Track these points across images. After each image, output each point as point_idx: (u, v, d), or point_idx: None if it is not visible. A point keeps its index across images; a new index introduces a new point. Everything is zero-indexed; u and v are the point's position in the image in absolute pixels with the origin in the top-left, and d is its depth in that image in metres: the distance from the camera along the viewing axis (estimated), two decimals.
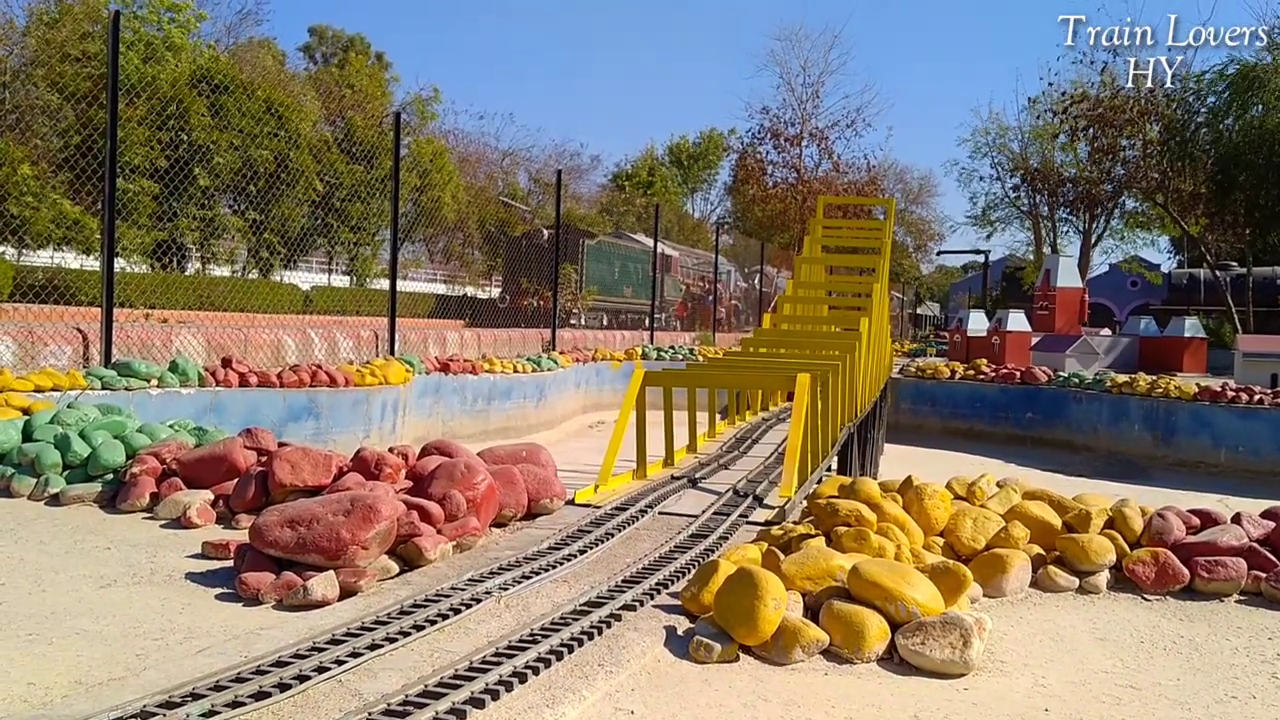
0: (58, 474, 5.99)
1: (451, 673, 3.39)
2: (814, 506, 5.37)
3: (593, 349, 22.94)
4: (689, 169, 65.21)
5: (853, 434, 11.02)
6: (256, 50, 38.18)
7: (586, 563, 5.04)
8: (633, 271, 35.14)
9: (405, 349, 17.49)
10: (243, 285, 26.80)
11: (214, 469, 5.89)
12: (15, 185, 25.45)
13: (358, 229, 33.83)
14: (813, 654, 4.01)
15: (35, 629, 3.85)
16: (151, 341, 13.56)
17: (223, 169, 27.09)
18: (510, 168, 47.56)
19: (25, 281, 20.90)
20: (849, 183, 43.83)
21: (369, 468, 5.66)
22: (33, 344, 12.40)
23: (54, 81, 27.70)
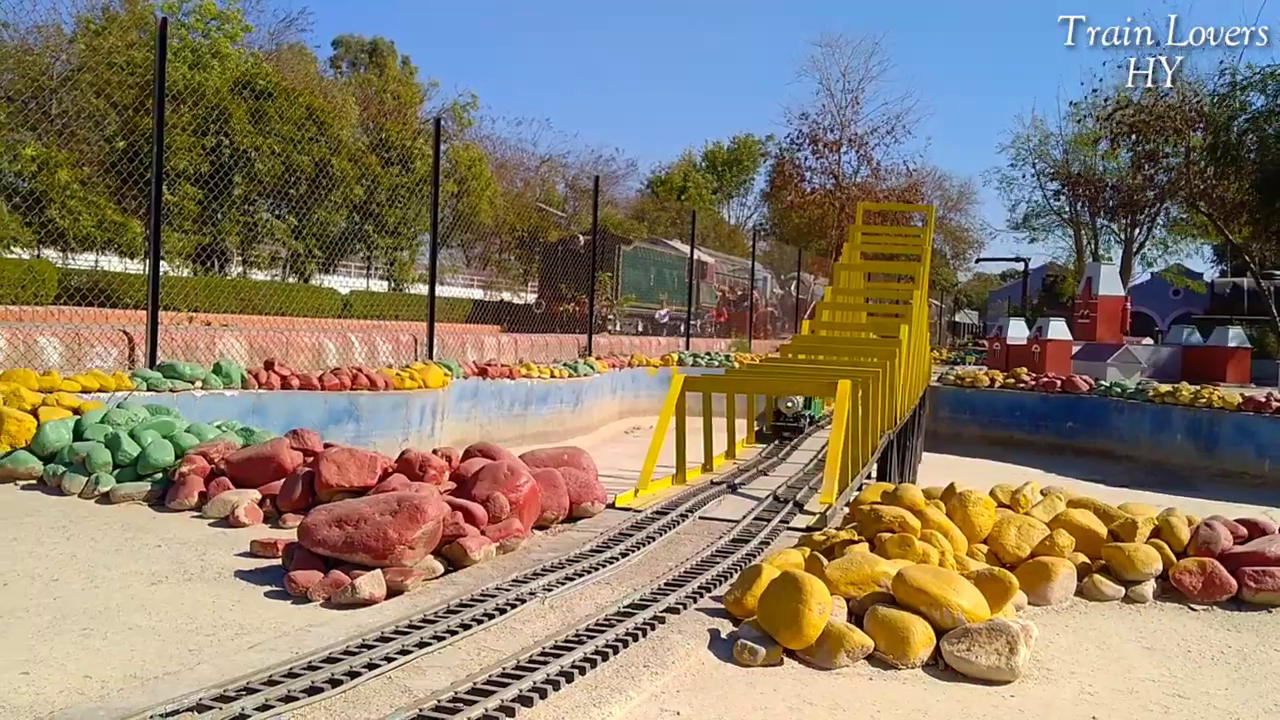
0: (108, 473, 6.09)
1: (499, 671, 3.42)
2: (857, 512, 5.36)
3: (629, 355, 22.97)
4: (724, 175, 65.12)
5: (892, 441, 10.97)
6: (296, 57, 38.61)
7: (629, 565, 5.06)
8: (668, 278, 35.15)
9: (443, 353, 17.60)
10: (283, 289, 27.08)
11: (261, 469, 5.97)
12: (59, 190, 25.90)
13: (395, 234, 34.11)
14: (857, 659, 4.00)
15: (89, 624, 3.92)
16: (195, 344, 13.74)
17: (264, 174, 27.44)
18: (547, 174, 47.75)
19: (70, 284, 21.27)
20: (888, 189, 43.59)
21: (413, 469, 5.71)
22: (80, 346, 12.61)
23: (100, 88, 28.18)
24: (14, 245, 24.74)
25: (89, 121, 28.98)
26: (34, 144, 27.68)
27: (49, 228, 25.47)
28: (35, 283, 20.17)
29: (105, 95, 28.22)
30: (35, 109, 30.74)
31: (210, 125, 25.90)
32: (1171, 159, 37.00)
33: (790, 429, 11.20)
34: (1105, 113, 37.56)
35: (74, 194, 26.16)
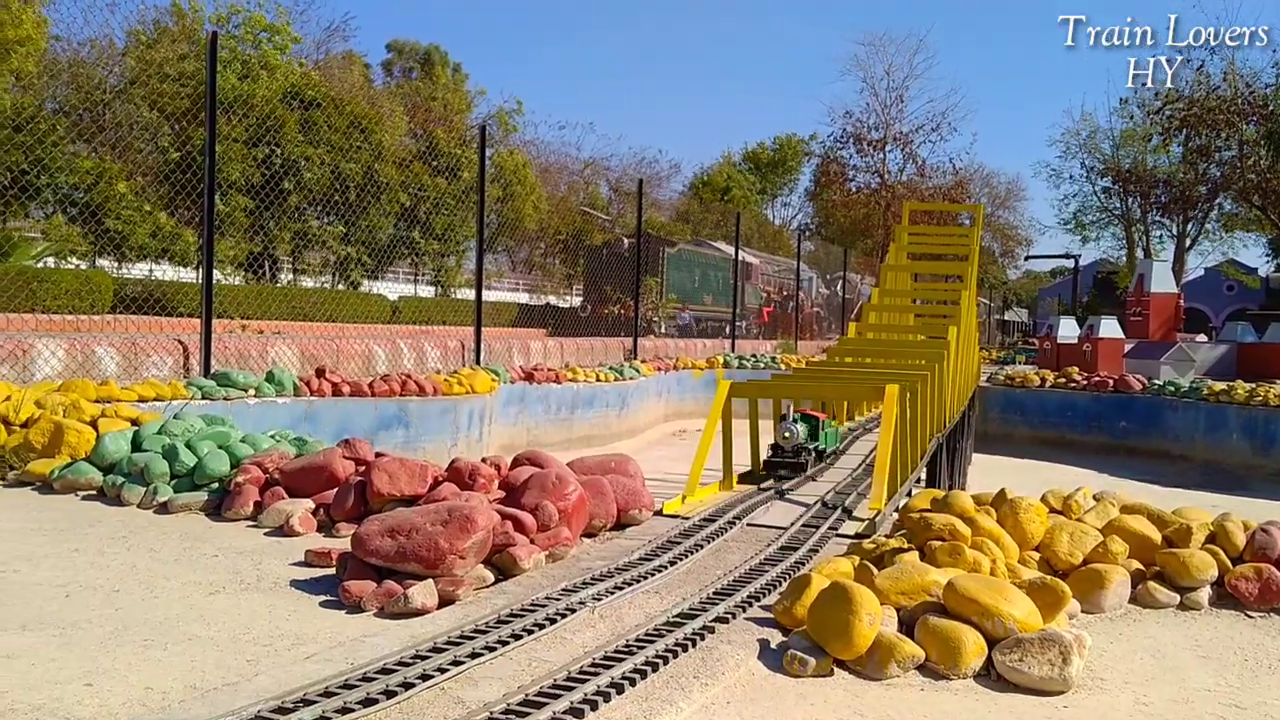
0: (166, 483, 6.22)
1: (550, 682, 3.45)
2: (907, 520, 5.34)
3: (674, 358, 22.99)
4: (767, 175, 64.93)
5: (941, 444, 10.88)
6: (344, 65, 39.08)
7: (677, 574, 5.08)
8: (713, 279, 35.12)
9: (490, 358, 17.73)
10: (333, 296, 27.44)
11: (314, 478, 6.06)
12: (114, 201, 26.45)
13: (442, 240, 34.41)
14: (908, 669, 3.99)
15: (150, 634, 4.01)
16: (248, 352, 13.97)
17: (313, 183, 27.81)
18: (590, 177, 47.90)
19: (125, 293, 21.70)
20: (933, 187, 43.27)
21: (463, 478, 5.77)
22: (136, 355, 12.87)
23: (152, 100, 28.72)
24: (71, 255, 25.32)
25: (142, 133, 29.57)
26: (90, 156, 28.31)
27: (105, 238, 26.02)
28: (92, 292, 20.62)
29: (158, 107, 28.80)
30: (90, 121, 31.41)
31: (260, 135, 26.32)
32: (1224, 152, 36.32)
33: (789, 466, 8.20)
34: (1155, 107, 37.00)
35: (129, 204, 26.71)
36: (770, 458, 8.22)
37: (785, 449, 8.19)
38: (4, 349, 11.68)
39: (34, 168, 25.54)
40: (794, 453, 8.21)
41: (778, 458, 8.19)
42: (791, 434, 8.19)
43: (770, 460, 8.20)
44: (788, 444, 8.18)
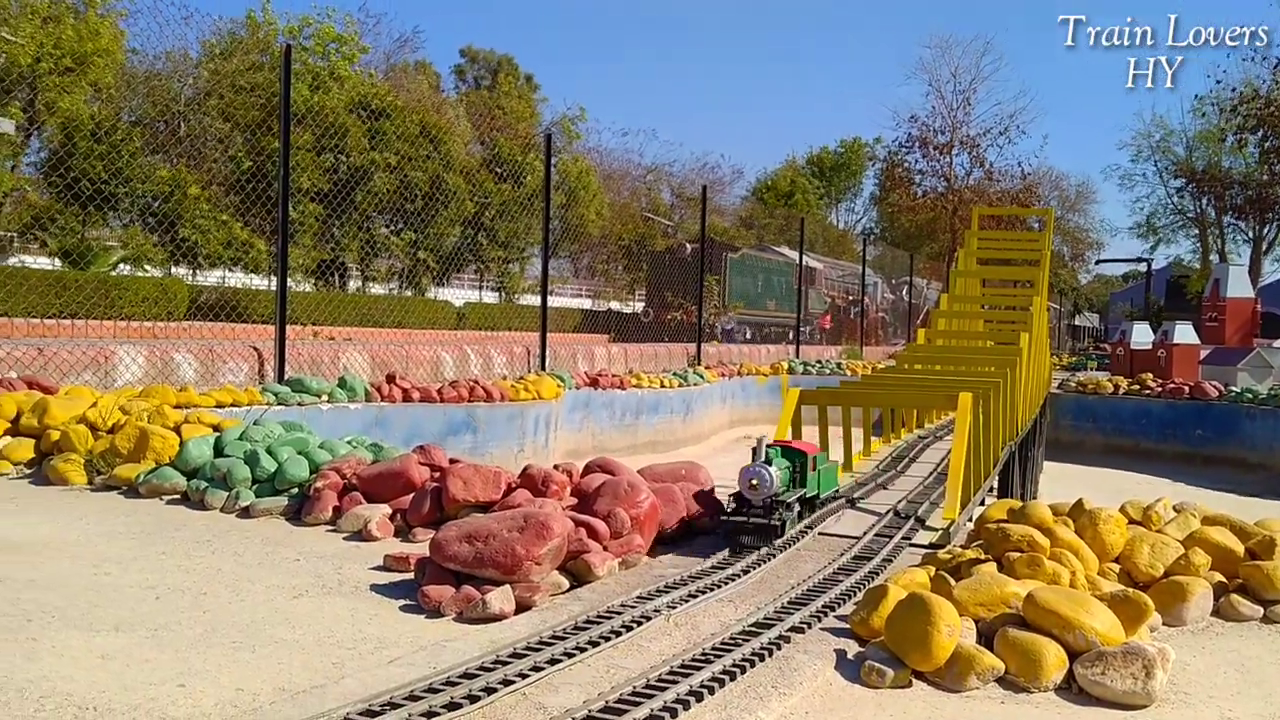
0: (247, 488, 6.37)
1: (630, 689, 3.48)
2: (984, 531, 5.28)
3: (738, 363, 22.97)
4: (831, 179, 64.55)
5: (1014, 453, 10.73)
6: (413, 74, 39.66)
7: (750, 583, 5.08)
8: (776, 284, 35.03)
9: (555, 364, 17.87)
10: (400, 302, 27.88)
11: (391, 484, 6.17)
12: (189, 210, 27.13)
13: (506, 246, 34.76)
14: (988, 681, 3.95)
15: (238, 637, 4.11)
16: (320, 358, 14.25)
17: (381, 190, 28.26)
18: (653, 183, 48.05)
19: (199, 300, 22.24)
20: (1001, 191, 42.65)
21: (536, 485, 5.83)
22: (213, 361, 13.20)
23: (225, 111, 29.42)
24: (147, 264, 26.02)
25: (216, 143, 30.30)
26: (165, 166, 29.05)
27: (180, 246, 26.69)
28: (168, 299, 21.19)
29: (230, 117, 29.48)
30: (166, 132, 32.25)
31: (329, 144, 26.81)
32: None
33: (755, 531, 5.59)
34: (1230, 106, 36.12)
35: (203, 213, 27.38)
36: (730, 515, 5.66)
37: (753, 502, 5.56)
38: (87, 355, 12.06)
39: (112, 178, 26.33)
40: (765, 508, 5.56)
41: (739, 514, 5.60)
42: (761, 481, 5.54)
43: (728, 519, 5.65)
44: (756, 495, 5.55)
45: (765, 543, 5.59)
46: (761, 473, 5.59)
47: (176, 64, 33.38)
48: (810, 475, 6.13)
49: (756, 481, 5.61)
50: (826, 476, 6.63)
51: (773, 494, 5.60)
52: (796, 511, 5.97)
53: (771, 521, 5.58)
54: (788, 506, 5.74)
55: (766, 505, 5.59)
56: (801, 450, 6.10)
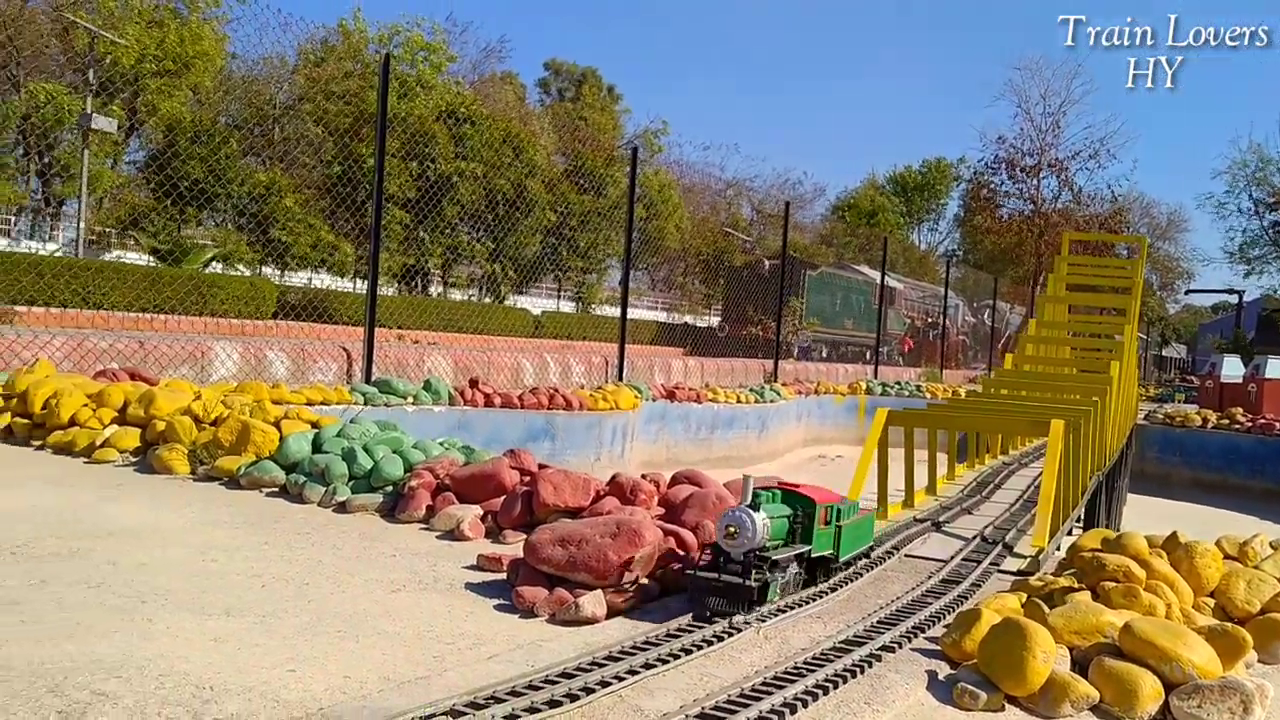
0: (344, 484, 6.55)
1: (724, 698, 3.53)
2: (1078, 560, 5.23)
3: (814, 381, 22.85)
4: (913, 199, 63.93)
5: (1101, 483, 10.55)
6: (499, 85, 40.25)
7: (837, 601, 5.10)
8: (854, 303, 34.80)
9: (632, 375, 17.97)
10: (480, 309, 28.29)
11: (483, 486, 6.30)
12: (281, 212, 27.87)
13: (586, 256, 35.06)
14: (1081, 709, 3.93)
15: (342, 626, 4.25)
16: (406, 361, 14.54)
17: (465, 198, 28.73)
18: (733, 198, 48.08)
19: (287, 300, 22.83)
20: (1090, 215, 41.86)
21: (625, 493, 5.91)
22: (304, 360, 13.55)
23: (318, 116, 30.19)
24: (238, 263, 26.76)
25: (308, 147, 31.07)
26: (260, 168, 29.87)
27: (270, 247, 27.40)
28: (257, 298, 21.79)
29: (323, 123, 30.22)
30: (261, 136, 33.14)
31: (416, 151, 27.33)
32: None
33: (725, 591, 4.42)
34: None
35: (294, 216, 28.09)
36: (699, 569, 4.54)
37: (733, 555, 4.45)
38: (185, 350, 12.46)
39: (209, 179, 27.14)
40: (743, 565, 4.42)
41: (709, 570, 4.49)
42: (741, 529, 4.43)
43: (697, 575, 4.49)
44: (734, 546, 4.44)
45: (736, 609, 4.38)
46: (742, 519, 4.44)
47: (274, 69, 34.38)
48: (820, 530, 4.92)
49: (735, 529, 4.45)
50: (851, 533, 5.31)
51: (756, 547, 4.44)
52: (792, 574, 4.80)
53: (747, 582, 4.35)
54: (776, 566, 4.58)
55: (746, 562, 4.43)
56: (808, 496, 4.90)
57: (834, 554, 5.15)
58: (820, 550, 4.99)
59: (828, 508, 4.98)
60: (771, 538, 4.58)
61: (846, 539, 5.23)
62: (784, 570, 4.70)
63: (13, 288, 16.06)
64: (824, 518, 4.95)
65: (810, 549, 4.88)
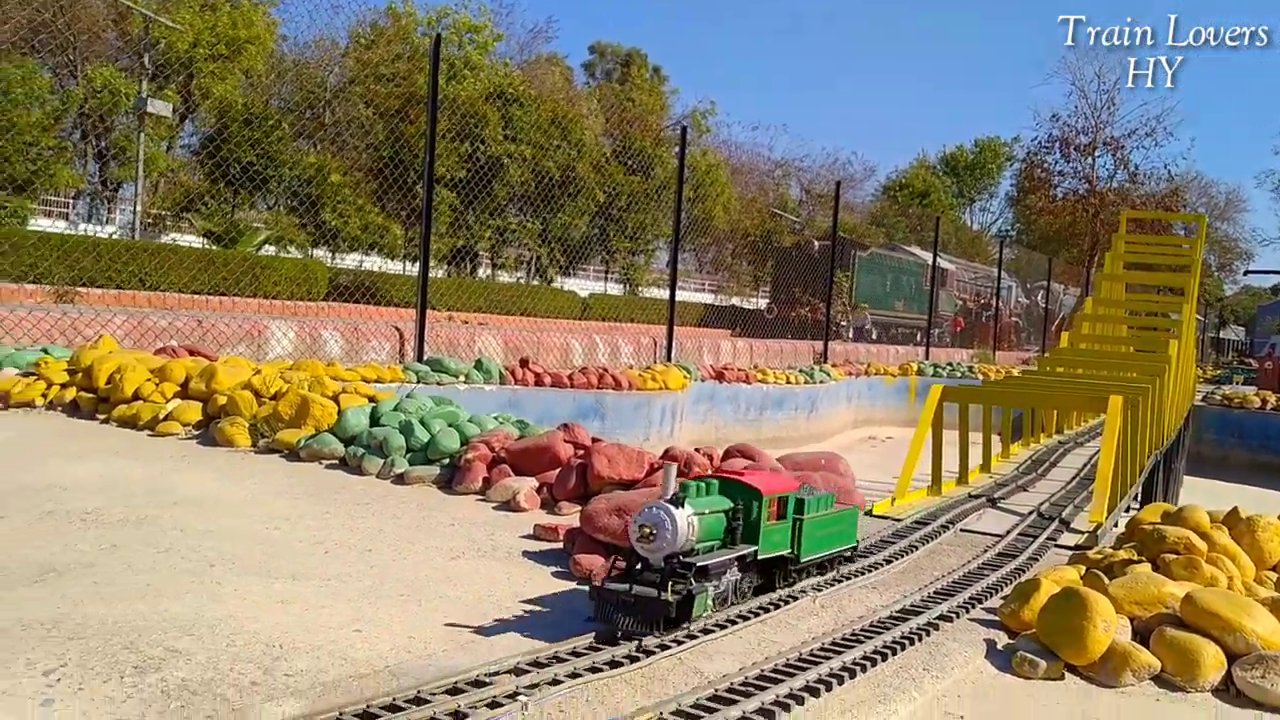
0: (402, 456, 6.65)
1: (783, 661, 3.55)
2: (1138, 532, 5.19)
3: (864, 363, 22.71)
4: (965, 179, 63.14)
5: (1158, 462, 10.41)
6: (546, 66, 40.28)
7: (893, 572, 5.10)
8: (905, 284, 34.50)
9: (681, 356, 17.98)
10: (528, 290, 28.44)
11: (537, 459, 6.36)
12: (331, 195, 28.17)
13: (633, 238, 35.07)
14: (1143, 679, 3.91)
15: (405, 590, 4.33)
16: (457, 340, 14.68)
17: (513, 179, 28.85)
18: (781, 178, 47.78)
19: (337, 282, 23.10)
20: (1146, 195, 41.10)
21: (678, 466, 5.93)
22: (357, 339, 13.72)
23: (368, 99, 30.42)
24: (289, 245, 27.12)
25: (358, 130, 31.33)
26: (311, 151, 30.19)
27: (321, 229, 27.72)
28: (309, 280, 22.07)
29: (373, 105, 30.44)
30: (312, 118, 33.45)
31: (465, 133, 27.47)
32: None
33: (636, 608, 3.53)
34: None
35: (344, 198, 28.39)
36: (607, 579, 3.76)
37: (650, 563, 3.64)
38: (242, 329, 12.68)
39: (261, 161, 27.49)
40: (662, 574, 3.60)
41: (621, 581, 3.66)
42: (658, 528, 3.61)
43: (604, 587, 3.65)
44: (649, 550, 3.63)
45: (650, 629, 3.55)
46: (659, 517, 3.62)
47: (324, 52, 34.68)
48: (770, 527, 4.10)
49: (650, 529, 3.62)
50: (818, 529, 4.44)
51: (678, 551, 3.63)
52: (730, 582, 3.97)
53: (663, 596, 3.53)
54: (705, 574, 3.74)
55: (665, 570, 3.61)
56: (752, 486, 4.05)
57: (793, 554, 4.29)
58: (770, 551, 4.13)
59: (779, 499, 4.17)
60: (701, 538, 3.76)
61: (811, 537, 4.37)
62: (718, 578, 3.87)
63: (73, 269, 16.40)
64: (776, 511, 4.14)
65: (756, 550, 4.03)
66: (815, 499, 4.42)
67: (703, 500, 3.86)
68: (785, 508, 4.22)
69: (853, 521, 4.83)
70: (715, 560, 3.81)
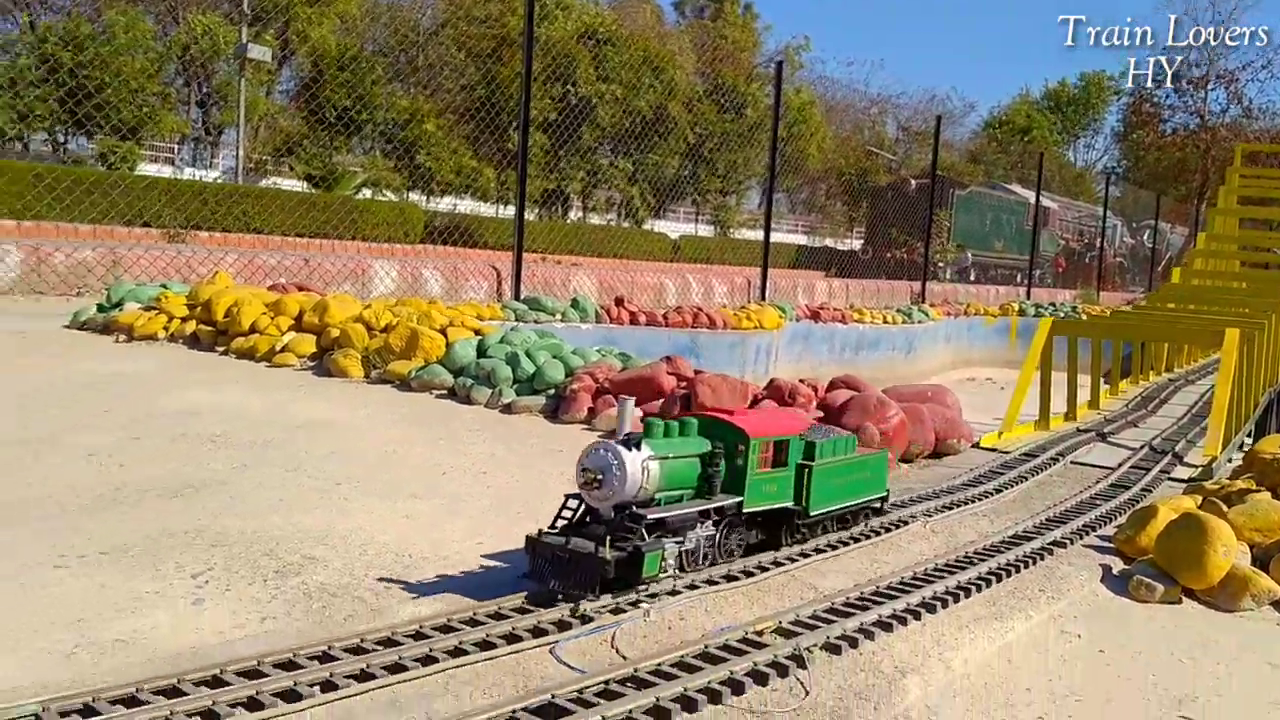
0: (509, 386, 6.80)
1: (898, 579, 3.60)
2: (1257, 461, 5.08)
3: (964, 303, 22.31)
4: (1068, 115, 60.96)
5: (1272, 400, 10.09)
6: (636, 5, 39.87)
7: (1004, 501, 5.09)
8: (1005, 224, 33.64)
9: (775, 295, 17.89)
10: (619, 232, 28.46)
11: (641, 389, 6.44)
12: (425, 139, 28.46)
13: (724, 178, 34.77)
14: (1262, 603, 3.86)
15: (520, 509, 4.46)
16: (552, 280, 14.84)
17: (604, 120, 28.77)
18: (877, 115, 46.77)
19: (432, 224, 23.44)
20: (1260, 130, 39.29)
21: (783, 395, 5.98)
22: (456, 278, 13.98)
23: (460, 42, 30.54)
24: (385, 189, 27.54)
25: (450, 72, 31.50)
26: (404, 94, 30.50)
27: (416, 173, 28.09)
28: (405, 223, 22.44)
29: (466, 48, 30.55)
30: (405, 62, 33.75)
31: (558, 74, 27.43)
32: None
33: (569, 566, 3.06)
34: None
35: (438, 141, 28.68)
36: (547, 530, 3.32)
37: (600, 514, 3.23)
38: (347, 268, 13.02)
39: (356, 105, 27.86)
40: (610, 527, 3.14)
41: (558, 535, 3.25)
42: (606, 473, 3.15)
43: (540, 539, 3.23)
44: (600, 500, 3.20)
45: (586, 590, 3.05)
46: (605, 459, 3.13)
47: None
48: (759, 476, 3.47)
49: (596, 474, 3.13)
50: (832, 479, 3.80)
51: (628, 500, 3.14)
52: (700, 538, 3.38)
53: (600, 552, 3.00)
54: (665, 527, 3.21)
55: (613, 522, 3.13)
56: (737, 427, 3.44)
57: (800, 506, 3.68)
58: (760, 503, 3.51)
59: (775, 443, 3.51)
60: (665, 486, 3.21)
61: (824, 487, 3.73)
62: (681, 534, 3.29)
63: (182, 213, 16.92)
64: (770, 457, 3.48)
65: (740, 502, 3.43)
66: (828, 442, 3.79)
67: (667, 442, 3.27)
68: (784, 453, 3.54)
69: (881, 468, 4.19)
70: (676, 513, 3.20)
